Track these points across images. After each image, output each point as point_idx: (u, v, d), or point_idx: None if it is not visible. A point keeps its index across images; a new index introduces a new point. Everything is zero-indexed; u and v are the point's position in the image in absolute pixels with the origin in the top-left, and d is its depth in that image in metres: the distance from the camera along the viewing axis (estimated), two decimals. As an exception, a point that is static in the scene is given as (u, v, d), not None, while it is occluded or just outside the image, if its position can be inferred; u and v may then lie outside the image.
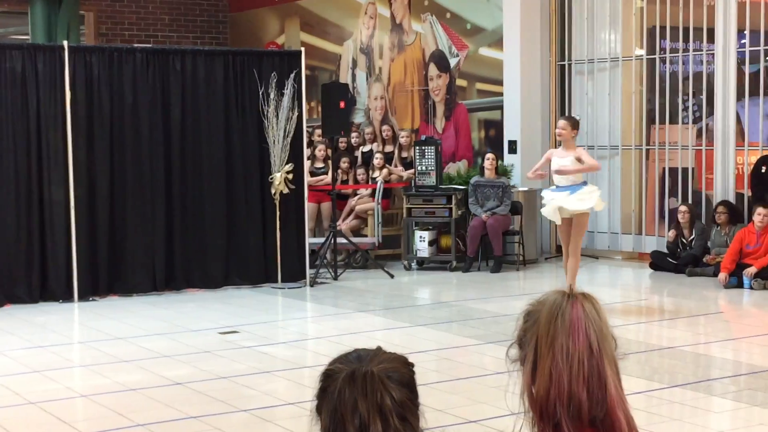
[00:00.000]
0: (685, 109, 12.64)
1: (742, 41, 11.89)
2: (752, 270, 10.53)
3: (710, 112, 12.25)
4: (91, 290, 10.54)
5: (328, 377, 2.03)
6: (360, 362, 2.00)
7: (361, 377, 1.96)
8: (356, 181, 13.45)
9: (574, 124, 9.61)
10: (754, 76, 11.93)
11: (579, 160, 9.39)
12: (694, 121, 12.58)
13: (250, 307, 10.13)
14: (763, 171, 11.18)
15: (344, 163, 13.40)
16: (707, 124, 12.35)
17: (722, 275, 10.69)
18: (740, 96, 11.91)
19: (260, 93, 11.07)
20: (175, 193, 10.95)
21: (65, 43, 10.74)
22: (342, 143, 13.83)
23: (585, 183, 9.56)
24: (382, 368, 1.98)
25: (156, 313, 9.76)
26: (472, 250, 12.27)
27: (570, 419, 1.99)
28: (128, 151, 10.71)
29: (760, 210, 10.71)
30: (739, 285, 10.61)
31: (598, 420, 2.01)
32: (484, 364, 7.55)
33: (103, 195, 10.61)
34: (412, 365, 2.05)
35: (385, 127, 14.22)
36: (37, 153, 10.32)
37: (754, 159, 11.65)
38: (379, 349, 2.05)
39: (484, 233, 12.20)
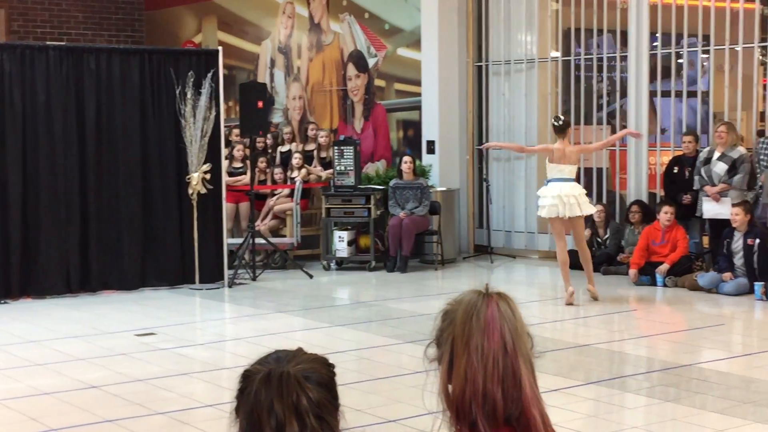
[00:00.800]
0: (599, 110, 12.85)
1: (654, 43, 12.14)
2: (664, 267, 10.76)
3: (624, 113, 12.48)
4: (4, 292, 10.32)
5: (246, 378, 2.02)
6: (278, 363, 2.00)
7: (277, 378, 1.96)
8: (274, 181, 13.39)
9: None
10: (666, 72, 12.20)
11: (584, 150, 10.35)
12: (608, 122, 12.79)
13: (168, 308, 10.03)
14: (675, 171, 11.42)
15: (262, 163, 13.33)
16: (622, 125, 12.57)
17: (632, 272, 10.93)
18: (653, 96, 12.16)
19: (177, 92, 10.96)
20: (90, 194, 10.77)
21: (-25, 40, 10.51)
22: (260, 143, 13.75)
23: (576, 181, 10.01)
24: (300, 369, 1.98)
25: (71, 316, 9.59)
26: (393, 249, 12.30)
27: (485, 418, 2.01)
28: (41, 151, 10.51)
29: (666, 208, 10.95)
30: (652, 283, 10.83)
31: (513, 418, 2.04)
32: (403, 363, 7.58)
33: (15, 196, 10.39)
34: (332, 366, 2.06)
35: (311, 125, 14.17)
36: (-54, 152, 10.08)
37: (666, 159, 11.90)
38: (299, 350, 2.05)
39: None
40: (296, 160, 13.34)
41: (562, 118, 10.11)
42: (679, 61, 12.11)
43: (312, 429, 1.93)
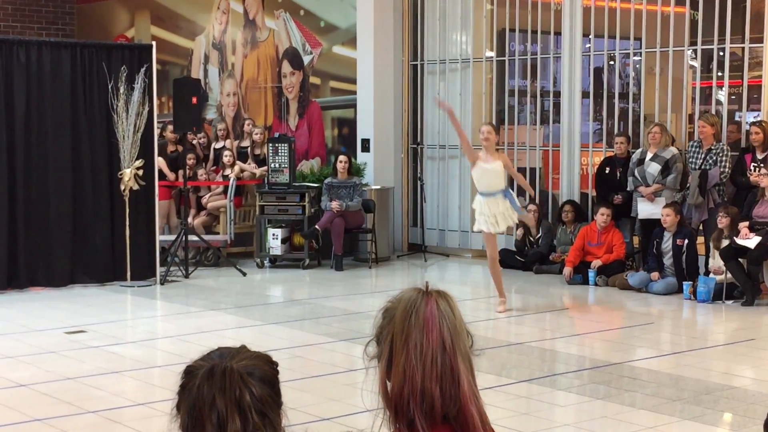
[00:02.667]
0: (533, 110, 12.97)
1: (587, 45, 12.28)
2: (597, 263, 10.89)
3: (557, 114, 12.61)
4: (-72, 289, 10.10)
5: (188, 374, 2.00)
6: (221, 359, 1.99)
7: (220, 373, 1.94)
8: (196, 178, 13.22)
9: (497, 129, 9.84)
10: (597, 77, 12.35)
11: (506, 167, 9.48)
12: (542, 123, 12.92)
13: (98, 305, 9.89)
14: (606, 172, 11.57)
15: (190, 160, 13.20)
16: (553, 126, 12.71)
17: (567, 270, 11.04)
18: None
19: (109, 87, 10.81)
20: (19, 188, 10.58)
21: None
22: (193, 139, 13.63)
23: (508, 189, 9.58)
24: (243, 365, 1.97)
25: (-2, 313, 9.42)
26: (338, 247, 12.22)
27: (423, 416, 2.01)
28: (-31, 145, 10.30)
29: (603, 210, 11.09)
30: (584, 282, 10.96)
31: (452, 416, 2.04)
32: (336, 361, 7.57)
33: (-58, 190, 10.18)
34: (275, 364, 2.05)
35: (247, 121, 14.08)
36: None
37: (598, 160, 12.05)
38: (242, 347, 2.04)
39: (345, 229, 12.21)
40: (227, 157, 13.24)
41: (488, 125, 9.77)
42: (611, 62, 12.27)
43: (254, 425, 1.92)
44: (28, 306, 9.81)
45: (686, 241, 10.33)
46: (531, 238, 12.06)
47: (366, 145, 13.41)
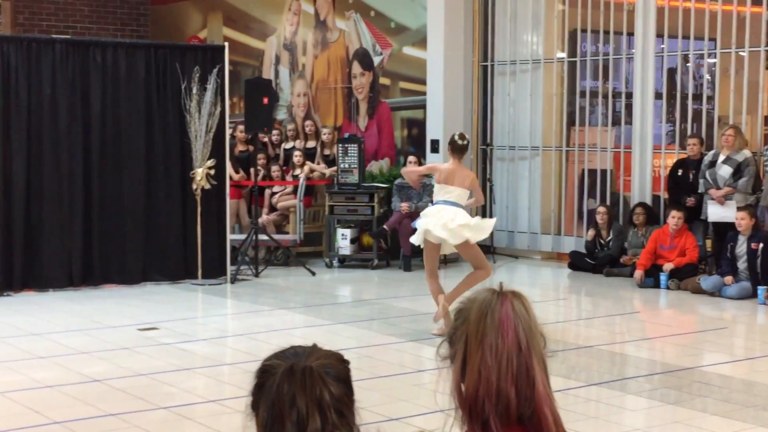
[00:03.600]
0: (604, 111, 12.84)
1: (660, 45, 12.13)
2: (669, 266, 10.74)
3: (629, 115, 12.48)
4: (6, 285, 10.32)
5: (265, 373, 2.01)
6: (297, 358, 1.99)
7: (299, 372, 1.95)
8: (270, 178, 13.36)
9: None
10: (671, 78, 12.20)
11: (471, 187, 8.56)
12: (613, 124, 12.80)
13: (170, 303, 10.03)
14: (679, 174, 11.42)
15: (261, 160, 13.32)
16: (625, 127, 12.58)
17: (638, 273, 10.90)
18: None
19: (182, 88, 10.95)
20: (94, 187, 10.78)
21: (-18, 32, 10.51)
22: (264, 138, 13.76)
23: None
24: (320, 364, 1.98)
25: (73, 309, 9.60)
26: (407, 248, 12.22)
27: (498, 417, 2.01)
28: (46, 144, 10.52)
29: (674, 213, 10.94)
30: (656, 285, 10.82)
31: (525, 417, 2.04)
32: (404, 361, 7.59)
33: (19, 188, 10.40)
34: (347, 362, 2.06)
35: (308, 123, 14.19)
36: (-49, 144, 10.09)
37: (670, 162, 11.90)
38: (315, 345, 2.05)
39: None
40: (297, 157, 13.34)
41: (467, 138, 8.85)
42: (685, 63, 12.10)
43: (333, 424, 1.93)
44: (102, 303, 9.98)
45: (761, 244, 10.15)
46: (601, 241, 11.95)
47: (435, 146, 13.39)
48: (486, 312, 2.04)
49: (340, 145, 12.69)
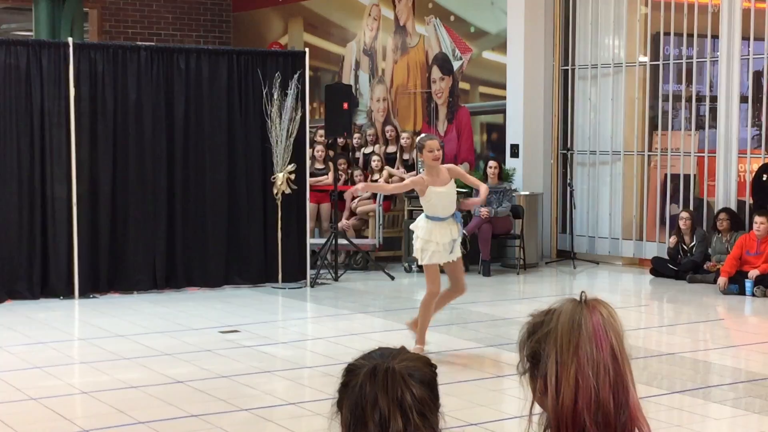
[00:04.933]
0: (688, 115, 12.65)
1: (746, 48, 11.90)
2: (755, 272, 10.53)
3: (713, 119, 12.27)
4: (92, 287, 10.55)
5: (350, 372, 2.03)
6: (383, 359, 2.01)
7: (382, 373, 1.97)
8: (354, 183, 13.44)
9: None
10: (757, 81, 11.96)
11: (460, 177, 8.20)
12: (697, 128, 12.60)
13: (251, 306, 10.14)
14: (764, 179, 11.20)
15: (342, 164, 13.40)
16: (710, 131, 12.38)
17: (722, 279, 10.71)
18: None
19: (264, 93, 11.08)
20: (177, 192, 10.96)
21: (70, 39, 10.75)
22: (341, 143, 13.83)
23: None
24: (404, 366, 1.99)
25: (156, 311, 9.77)
26: (486, 252, 12.17)
27: (596, 427, 1.99)
28: (131, 149, 10.72)
29: (758, 219, 10.73)
30: (741, 292, 10.62)
31: (619, 426, 2.02)
32: (484, 367, 7.56)
33: (105, 192, 10.62)
34: (434, 366, 2.06)
35: (388, 128, 14.23)
36: (40, 150, 10.34)
37: (756, 166, 11.67)
38: (402, 348, 2.07)
39: (493, 234, 12.17)
40: (375, 162, 13.39)
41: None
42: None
43: (415, 426, 1.93)
44: (185, 305, 10.14)
45: None
46: (684, 246, 11.77)
47: (515, 151, 13.33)
48: (578, 322, 2.02)
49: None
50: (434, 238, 7.74)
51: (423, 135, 8.37)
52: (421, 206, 7.92)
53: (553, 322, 2.05)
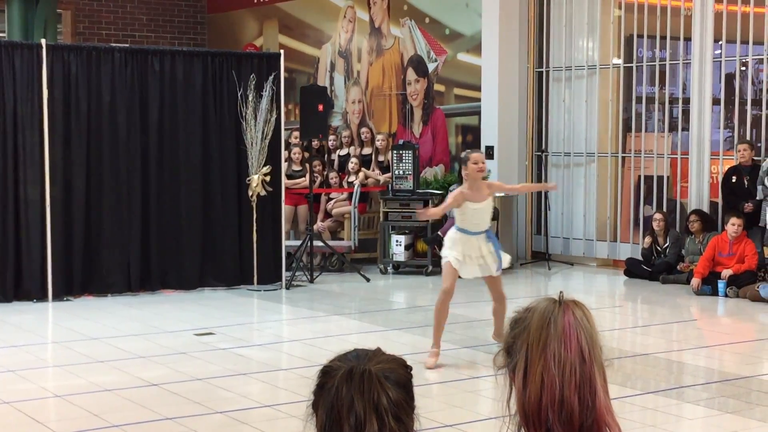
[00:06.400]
0: (661, 117, 12.73)
1: (718, 51, 12.00)
2: (728, 272, 10.60)
3: (685, 121, 12.36)
4: (66, 290, 10.49)
5: (325, 374, 2.02)
6: (358, 361, 2.00)
7: (358, 375, 1.96)
8: (329, 185, 13.44)
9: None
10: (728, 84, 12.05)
11: (501, 190, 8.07)
12: (670, 130, 12.67)
13: (226, 308, 10.11)
14: (733, 181, 11.28)
15: (317, 167, 13.39)
16: (682, 133, 12.46)
17: (695, 280, 10.78)
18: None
19: (238, 95, 11.06)
20: (152, 194, 10.92)
21: (43, 41, 10.69)
22: (315, 145, 13.81)
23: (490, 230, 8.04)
24: (380, 368, 1.98)
25: (131, 314, 9.73)
26: None
27: (561, 426, 2.01)
28: (105, 151, 10.68)
29: (733, 220, 10.80)
30: (714, 293, 10.69)
31: (586, 427, 2.04)
32: (459, 368, 7.57)
33: (79, 195, 10.57)
34: (409, 368, 2.06)
35: (364, 129, 14.24)
36: (13, 151, 10.27)
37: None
38: (378, 349, 2.06)
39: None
40: (352, 164, 13.40)
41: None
42: (743, 68, 11.96)
43: (390, 429, 1.93)
44: (160, 308, 10.10)
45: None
46: (658, 248, 11.84)
47: (490, 153, 13.37)
48: (548, 321, 2.04)
49: (395, 151, 12.72)
50: (457, 250, 7.74)
51: (468, 150, 8.33)
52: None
53: (528, 319, 2.07)
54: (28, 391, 6.83)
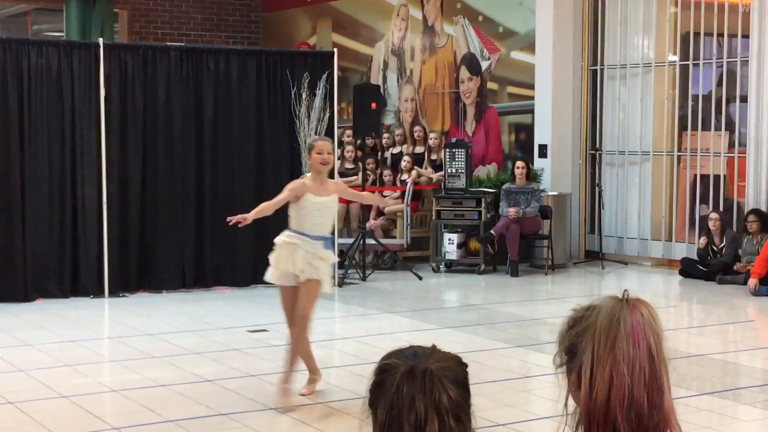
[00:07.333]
0: (718, 115, 12.56)
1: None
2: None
3: (743, 119, 12.19)
4: (122, 286, 10.62)
5: (384, 371, 1.98)
6: (416, 359, 1.98)
7: (420, 374, 1.93)
8: (382, 183, 13.46)
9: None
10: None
11: (344, 194, 7.45)
12: (726, 129, 12.51)
13: (279, 306, 10.13)
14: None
15: (370, 165, 13.41)
16: (740, 131, 12.29)
17: (752, 281, 10.63)
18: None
19: (292, 93, 11.11)
20: (206, 191, 11.01)
21: (101, 40, 10.83)
22: (369, 143, 13.85)
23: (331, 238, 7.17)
24: (439, 366, 1.96)
25: (185, 310, 9.82)
26: (514, 253, 12.14)
27: (629, 426, 1.99)
28: (160, 149, 10.79)
29: (789, 220, 10.65)
30: (770, 293, 10.55)
31: (651, 426, 2.01)
32: (511, 367, 7.55)
33: (135, 192, 10.69)
34: (465, 365, 2.03)
35: (417, 128, 14.23)
36: (71, 150, 10.42)
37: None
38: (434, 347, 2.04)
39: (521, 235, 12.14)
40: (405, 162, 13.40)
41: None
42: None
43: (450, 428, 1.90)
44: (214, 304, 10.18)
45: None
46: (714, 248, 11.70)
47: (543, 151, 13.30)
48: (616, 319, 2.02)
49: (448, 149, 12.70)
50: (297, 252, 6.96)
51: (315, 136, 7.39)
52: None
53: (593, 317, 2.05)
54: (84, 385, 6.93)
